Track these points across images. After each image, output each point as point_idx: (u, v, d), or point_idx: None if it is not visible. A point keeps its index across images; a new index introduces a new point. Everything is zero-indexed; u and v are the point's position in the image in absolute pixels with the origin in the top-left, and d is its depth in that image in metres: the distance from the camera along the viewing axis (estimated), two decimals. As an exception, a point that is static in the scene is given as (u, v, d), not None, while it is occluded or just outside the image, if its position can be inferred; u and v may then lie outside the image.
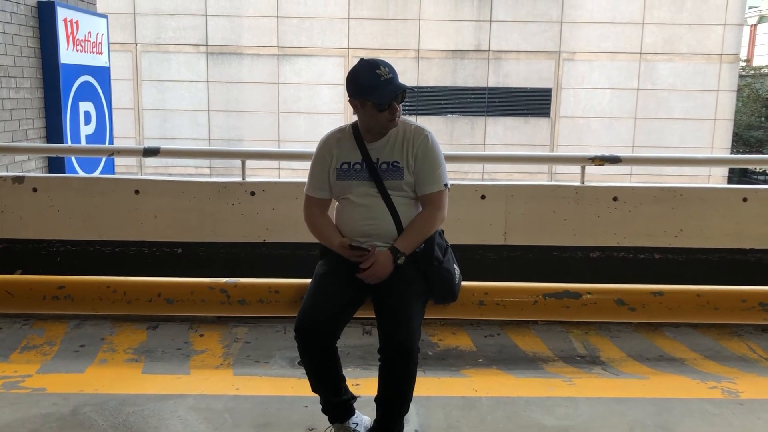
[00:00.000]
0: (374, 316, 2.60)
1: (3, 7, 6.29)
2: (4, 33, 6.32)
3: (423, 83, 15.59)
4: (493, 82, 15.69)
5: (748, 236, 4.41)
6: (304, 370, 3.57)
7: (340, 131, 2.67)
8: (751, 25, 30.15)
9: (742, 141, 21.28)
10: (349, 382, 2.74)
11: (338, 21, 15.37)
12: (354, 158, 2.59)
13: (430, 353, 3.95)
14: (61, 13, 6.98)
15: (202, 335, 4.13)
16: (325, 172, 2.64)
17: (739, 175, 20.82)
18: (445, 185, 2.60)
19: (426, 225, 2.59)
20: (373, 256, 2.53)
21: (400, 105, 2.54)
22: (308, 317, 2.50)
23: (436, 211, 2.59)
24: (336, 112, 15.14)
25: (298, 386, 3.39)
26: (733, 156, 8.60)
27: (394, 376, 2.50)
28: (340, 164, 2.60)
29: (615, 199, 4.37)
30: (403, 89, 2.53)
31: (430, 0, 15.45)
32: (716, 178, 15.32)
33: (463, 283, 2.76)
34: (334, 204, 2.75)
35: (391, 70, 2.51)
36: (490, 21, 15.50)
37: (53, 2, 6.93)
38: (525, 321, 4.29)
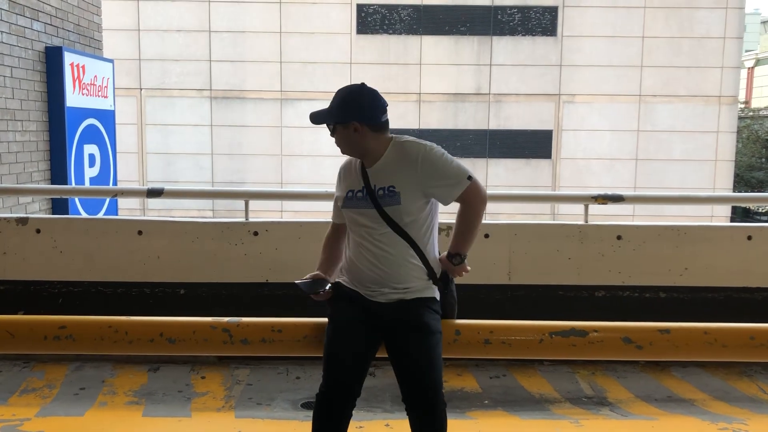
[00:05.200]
0: (379, 357, 2.57)
1: (11, 52, 6.40)
2: (11, 77, 6.41)
3: (424, 126, 15.74)
4: (494, 124, 15.84)
5: (754, 275, 4.39)
6: (306, 413, 3.52)
7: (351, 159, 2.65)
8: (748, 68, 30.55)
9: (743, 182, 21.36)
10: (353, 425, 2.69)
11: (340, 65, 15.60)
12: (356, 186, 2.55)
13: (435, 395, 3.89)
14: (68, 58, 7.10)
15: (203, 377, 4.08)
16: (342, 187, 2.63)
17: (741, 215, 20.83)
18: (469, 178, 2.47)
19: (472, 218, 2.53)
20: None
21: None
22: (334, 383, 2.46)
23: (474, 201, 2.50)
24: (338, 155, 15.18)
25: (300, 429, 3.34)
26: (735, 194, 8.61)
27: (429, 429, 2.47)
28: (346, 192, 2.58)
29: (619, 237, 4.36)
30: None
31: (431, 45, 15.71)
32: (719, 219, 15.31)
33: (468, 321, 2.73)
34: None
35: None
36: (490, 65, 15.73)
37: (61, 47, 7.05)
38: (531, 362, 4.23)
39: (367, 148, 2.51)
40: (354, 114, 2.47)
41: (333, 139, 2.62)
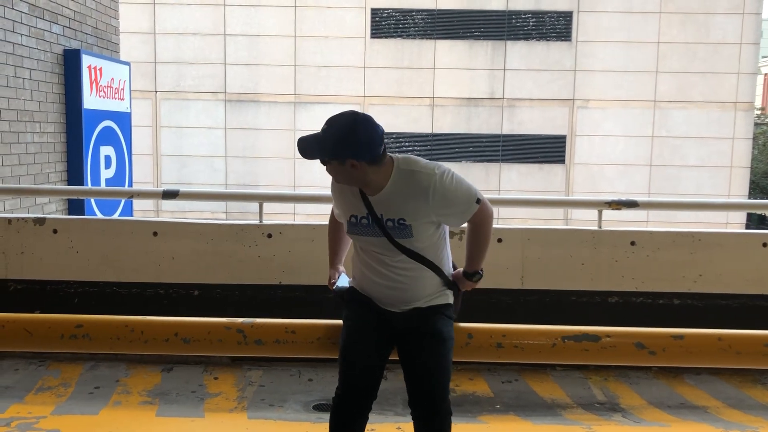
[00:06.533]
0: (392, 359, 2.58)
1: (31, 54, 6.48)
2: (30, 79, 6.49)
3: (437, 130, 15.75)
4: (507, 129, 15.82)
5: (769, 282, 4.36)
6: (318, 415, 3.54)
7: None
8: (765, 74, 30.31)
9: (759, 189, 21.19)
10: (366, 428, 2.70)
11: (354, 69, 15.65)
12: (360, 212, 2.41)
13: (447, 398, 3.89)
14: (86, 61, 7.17)
15: (216, 378, 4.11)
16: (340, 206, 2.53)
17: (757, 222, 20.65)
18: (477, 201, 2.39)
19: (484, 236, 2.51)
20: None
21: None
22: (351, 387, 2.47)
23: (483, 221, 2.46)
24: (351, 158, 15.25)
25: (312, 431, 3.36)
26: (751, 201, 8.54)
27: None
28: (348, 216, 2.45)
29: (633, 243, 4.34)
30: None
31: (445, 49, 15.72)
32: (734, 226, 15.20)
33: (481, 325, 2.74)
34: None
35: None
36: (504, 69, 15.72)
37: (79, 50, 7.13)
38: (543, 367, 4.23)
39: (366, 181, 2.33)
40: (350, 152, 2.25)
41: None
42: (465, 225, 2.50)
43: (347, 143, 2.25)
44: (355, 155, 2.25)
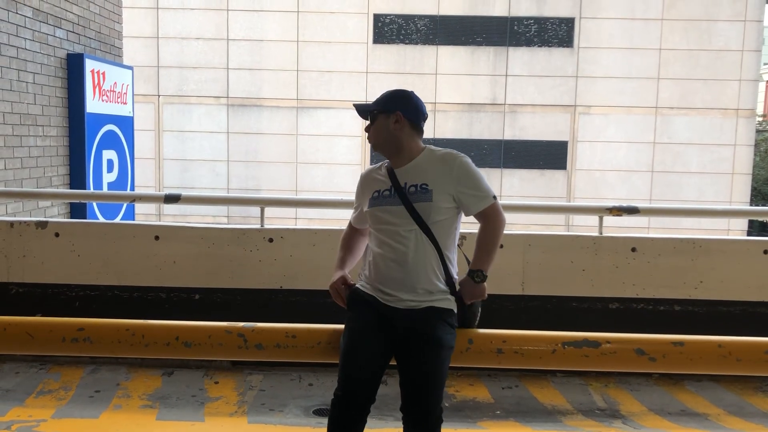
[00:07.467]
0: (393, 364, 2.58)
1: (34, 58, 6.51)
2: (34, 83, 6.52)
3: (439, 136, 15.76)
4: (509, 134, 15.83)
5: (770, 289, 4.35)
6: (318, 419, 3.54)
7: (377, 165, 2.70)
8: (767, 81, 30.29)
9: (761, 195, 21.18)
10: (365, 432, 2.70)
11: (356, 75, 15.67)
12: (384, 186, 2.59)
13: (447, 404, 3.90)
14: (89, 65, 7.20)
15: (217, 382, 4.11)
16: (365, 193, 2.66)
17: (758, 229, 20.61)
18: (494, 197, 2.57)
19: (494, 235, 2.57)
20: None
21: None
22: (351, 388, 2.49)
23: (496, 220, 2.57)
24: (353, 162, 15.30)
25: (312, 435, 3.36)
26: (752, 208, 8.53)
27: None
28: (372, 193, 2.61)
29: (633, 249, 4.35)
30: None
31: (447, 55, 15.74)
32: (735, 232, 15.17)
33: (482, 330, 2.74)
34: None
35: None
36: (506, 75, 15.73)
37: (82, 54, 7.15)
38: (543, 373, 4.23)
39: (401, 144, 2.59)
40: (399, 105, 2.59)
41: (348, 148, 2.65)
42: (473, 231, 2.54)
43: (400, 99, 2.63)
44: (403, 109, 2.59)
